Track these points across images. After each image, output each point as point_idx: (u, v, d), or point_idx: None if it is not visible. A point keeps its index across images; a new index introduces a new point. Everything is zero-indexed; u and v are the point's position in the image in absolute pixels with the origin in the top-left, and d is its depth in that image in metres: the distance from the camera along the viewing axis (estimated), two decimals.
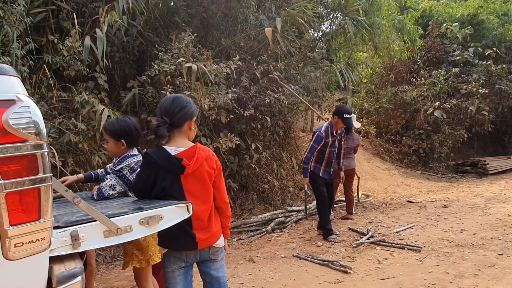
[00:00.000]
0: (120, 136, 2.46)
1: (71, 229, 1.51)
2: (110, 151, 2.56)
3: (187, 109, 1.90)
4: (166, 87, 4.84)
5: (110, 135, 2.48)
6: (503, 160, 12.23)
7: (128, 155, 2.48)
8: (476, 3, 13.30)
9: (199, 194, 1.90)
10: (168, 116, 1.86)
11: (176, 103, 1.89)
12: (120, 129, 2.47)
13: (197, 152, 1.87)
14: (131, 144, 2.51)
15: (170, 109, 1.87)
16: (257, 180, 6.41)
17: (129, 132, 2.48)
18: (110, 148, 2.52)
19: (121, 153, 2.51)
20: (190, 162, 1.84)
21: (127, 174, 2.42)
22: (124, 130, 2.47)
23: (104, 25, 4.44)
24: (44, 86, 4.36)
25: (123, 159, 2.46)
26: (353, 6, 7.35)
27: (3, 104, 1.26)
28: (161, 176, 1.87)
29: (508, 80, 12.02)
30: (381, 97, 12.03)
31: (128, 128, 2.49)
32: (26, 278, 1.31)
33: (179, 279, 1.96)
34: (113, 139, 2.47)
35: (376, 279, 3.43)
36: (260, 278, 3.54)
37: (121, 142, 2.47)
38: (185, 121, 1.91)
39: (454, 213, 5.94)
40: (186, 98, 1.95)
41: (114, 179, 2.40)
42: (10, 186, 1.24)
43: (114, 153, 2.55)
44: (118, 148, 2.49)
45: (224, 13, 6.25)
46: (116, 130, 2.47)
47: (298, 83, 6.50)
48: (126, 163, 2.44)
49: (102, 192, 2.38)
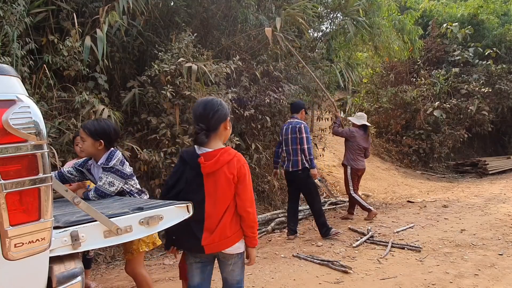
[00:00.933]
0: (99, 135, 2.47)
1: (71, 229, 1.51)
2: (85, 150, 2.55)
3: (220, 112, 1.95)
4: (166, 87, 4.84)
5: (88, 134, 2.47)
6: (503, 160, 12.23)
7: (113, 151, 2.49)
8: (476, 3, 13.31)
9: (214, 195, 1.92)
10: (204, 122, 1.91)
11: (208, 108, 1.93)
12: (100, 128, 2.48)
13: (219, 154, 1.91)
14: (108, 144, 2.52)
15: (204, 114, 1.91)
16: (257, 180, 6.41)
17: (108, 132, 2.50)
18: (86, 147, 2.51)
19: (97, 154, 2.51)
20: (206, 162, 1.89)
21: (119, 168, 2.44)
22: (104, 130, 2.48)
23: (104, 25, 4.44)
24: (44, 86, 4.36)
25: (111, 155, 2.47)
26: (353, 6, 7.36)
27: (3, 104, 1.26)
28: (187, 171, 1.97)
29: (508, 80, 12.02)
30: (381, 97, 12.03)
31: (108, 128, 2.50)
32: (26, 278, 1.31)
33: (196, 272, 2.04)
34: (91, 138, 2.47)
35: (376, 279, 3.43)
36: (260, 278, 3.53)
37: (99, 142, 2.47)
38: (220, 123, 1.96)
39: (454, 213, 5.94)
40: (217, 100, 1.99)
41: (110, 176, 2.41)
42: (10, 186, 1.24)
43: (88, 153, 2.54)
44: (95, 148, 2.49)
45: (224, 13, 6.25)
46: (96, 130, 2.47)
47: (298, 83, 6.50)
48: (116, 158, 2.45)
49: (103, 191, 2.39)
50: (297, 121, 4.86)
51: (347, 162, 5.78)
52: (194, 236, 1.92)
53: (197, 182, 1.93)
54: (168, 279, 3.63)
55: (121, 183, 2.45)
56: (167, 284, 3.50)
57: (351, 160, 5.71)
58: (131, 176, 2.54)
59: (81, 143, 2.56)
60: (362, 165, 5.79)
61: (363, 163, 5.82)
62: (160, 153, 4.85)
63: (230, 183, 1.91)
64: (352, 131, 5.75)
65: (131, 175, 2.55)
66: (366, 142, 5.82)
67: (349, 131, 5.78)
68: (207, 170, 1.90)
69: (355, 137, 5.69)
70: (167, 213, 1.84)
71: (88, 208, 1.56)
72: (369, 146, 5.92)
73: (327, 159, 9.51)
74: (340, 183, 8.72)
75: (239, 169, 1.93)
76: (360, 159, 5.76)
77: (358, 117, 5.94)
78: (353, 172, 5.71)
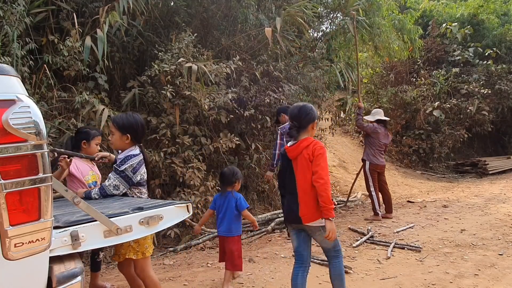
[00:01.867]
0: (126, 129, 2.52)
1: (71, 229, 1.51)
2: (113, 144, 2.62)
3: (310, 115, 2.48)
4: (166, 87, 4.84)
5: (117, 128, 2.53)
6: (503, 160, 12.22)
7: (131, 155, 2.49)
8: (476, 3, 13.29)
9: (301, 175, 2.44)
10: (297, 120, 2.47)
11: (302, 111, 2.48)
12: (128, 123, 2.54)
13: (299, 142, 2.45)
14: (135, 139, 2.57)
15: (298, 115, 2.47)
16: (257, 180, 6.41)
17: (135, 127, 2.55)
18: (115, 140, 2.57)
19: (123, 147, 2.56)
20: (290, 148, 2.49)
21: (129, 174, 2.45)
22: (131, 125, 2.54)
23: (104, 25, 4.44)
24: (44, 86, 4.36)
25: (127, 159, 2.47)
26: (353, 6, 7.35)
27: (3, 104, 1.26)
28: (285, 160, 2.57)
29: (508, 80, 12.00)
30: (381, 97, 12.02)
31: (135, 123, 2.56)
32: (26, 278, 1.31)
33: (294, 237, 2.62)
34: (119, 132, 2.52)
35: (376, 279, 3.43)
36: (260, 278, 3.54)
37: (126, 136, 2.52)
38: (309, 123, 2.49)
39: (454, 213, 5.94)
40: (310, 106, 2.52)
41: (117, 179, 2.43)
42: (10, 186, 1.24)
43: (117, 146, 2.61)
44: (123, 142, 2.54)
45: (224, 13, 6.25)
46: (124, 123, 2.53)
47: (298, 83, 6.50)
48: (130, 163, 2.45)
49: (106, 192, 2.41)
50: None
51: (366, 157, 5.84)
52: (291, 209, 2.48)
53: (290, 166, 2.51)
54: (168, 279, 3.63)
55: (126, 188, 2.46)
56: (167, 284, 3.50)
57: (371, 156, 5.76)
58: (138, 184, 2.53)
59: (111, 136, 2.62)
60: (381, 161, 5.84)
61: (382, 160, 5.88)
62: (160, 153, 4.85)
63: (308, 163, 2.40)
64: (376, 127, 5.81)
65: (139, 184, 2.54)
66: (387, 138, 5.88)
67: (373, 127, 5.83)
68: (291, 155, 2.48)
69: (378, 133, 5.75)
70: (167, 213, 1.85)
71: (88, 208, 1.56)
72: (388, 142, 5.98)
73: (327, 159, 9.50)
74: (340, 183, 8.73)
75: (313, 150, 2.40)
76: (380, 156, 5.81)
77: (373, 114, 5.99)
78: (372, 168, 5.75)
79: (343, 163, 10.01)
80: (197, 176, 4.94)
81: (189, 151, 5.06)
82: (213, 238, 5.20)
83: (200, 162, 5.11)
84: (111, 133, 2.59)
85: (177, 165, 4.89)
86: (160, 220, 1.80)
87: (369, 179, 5.76)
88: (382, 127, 5.82)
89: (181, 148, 5.06)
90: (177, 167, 4.87)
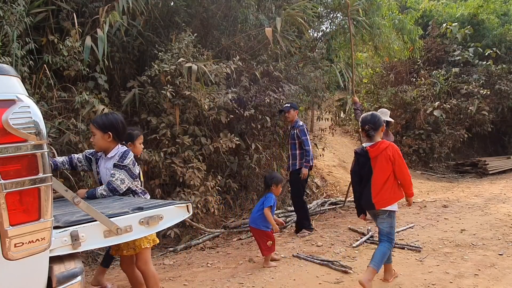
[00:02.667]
0: (107, 128, 2.56)
1: (71, 229, 1.51)
2: (96, 144, 2.63)
3: (380, 121, 3.18)
4: (166, 87, 4.84)
5: (97, 127, 2.57)
6: (503, 160, 12.22)
7: (127, 151, 2.58)
8: (476, 3, 13.29)
9: (379, 170, 3.09)
10: (372, 124, 3.14)
11: (374, 117, 3.19)
12: (108, 121, 2.58)
13: (379, 144, 3.11)
14: (117, 137, 2.61)
15: (372, 120, 3.16)
16: (257, 180, 6.41)
17: (116, 125, 2.59)
18: (97, 140, 2.60)
19: (107, 146, 2.60)
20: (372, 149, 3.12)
21: (131, 168, 2.54)
22: (111, 123, 2.58)
23: (105, 25, 4.44)
24: (44, 86, 4.36)
25: (125, 154, 2.55)
26: (353, 6, 7.35)
27: (3, 104, 1.26)
28: (360, 159, 3.23)
29: (508, 80, 12.00)
30: (381, 97, 12.02)
31: (115, 121, 2.60)
32: (26, 278, 1.31)
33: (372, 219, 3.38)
34: (100, 131, 2.56)
35: (376, 279, 3.42)
36: (260, 278, 3.53)
37: (108, 134, 2.56)
38: (379, 127, 3.17)
39: (454, 213, 5.94)
40: (377, 113, 3.25)
41: (123, 173, 2.49)
42: (10, 186, 1.24)
43: (100, 146, 2.63)
44: (105, 141, 2.58)
45: (224, 13, 6.25)
46: (104, 122, 2.57)
47: (298, 83, 6.50)
48: (130, 158, 2.55)
49: (114, 186, 2.45)
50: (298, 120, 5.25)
51: None
52: (368, 198, 3.12)
53: (367, 164, 3.14)
54: (168, 279, 3.63)
55: (130, 182, 2.54)
56: (167, 284, 3.50)
57: None
58: (137, 177, 2.64)
59: (92, 137, 2.65)
60: None
61: None
62: (160, 153, 4.85)
63: (388, 162, 3.06)
64: None
65: (137, 177, 2.64)
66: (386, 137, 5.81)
67: None
68: (373, 155, 3.12)
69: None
70: (167, 213, 1.85)
71: (88, 208, 1.56)
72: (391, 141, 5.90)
73: (327, 159, 9.52)
74: (340, 183, 8.73)
75: (393, 153, 3.07)
76: None
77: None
78: None
79: (343, 163, 10.01)
80: (197, 176, 4.94)
81: (189, 151, 5.06)
82: (213, 238, 5.21)
83: (200, 162, 5.11)
84: (93, 134, 2.62)
85: (177, 165, 4.89)
86: (160, 220, 1.80)
87: None
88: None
89: (181, 148, 5.06)
90: (177, 167, 4.87)
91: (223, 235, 5.32)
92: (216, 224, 5.63)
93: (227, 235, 5.37)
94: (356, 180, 3.31)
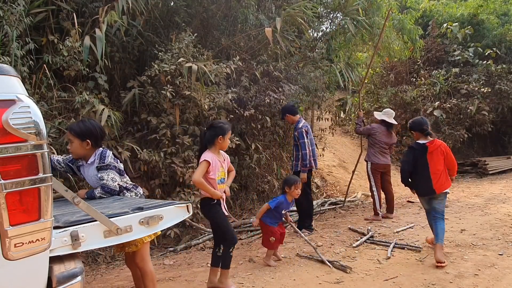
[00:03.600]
0: (85, 136, 2.50)
1: (71, 229, 1.51)
2: (74, 152, 2.56)
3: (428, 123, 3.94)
4: (166, 87, 4.84)
5: (75, 135, 2.50)
6: (503, 160, 12.21)
7: (104, 150, 2.53)
8: (476, 3, 13.29)
9: (436, 162, 3.79)
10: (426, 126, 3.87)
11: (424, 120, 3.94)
12: (86, 129, 2.51)
13: (435, 141, 3.82)
14: (96, 143, 2.55)
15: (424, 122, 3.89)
16: (257, 180, 6.41)
17: (94, 132, 2.53)
18: (75, 149, 2.53)
19: (86, 154, 2.54)
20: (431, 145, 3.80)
21: (116, 164, 2.51)
22: (90, 130, 2.52)
23: (103, 24, 4.44)
24: (44, 86, 4.36)
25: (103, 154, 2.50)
26: (353, 6, 7.35)
27: (3, 104, 1.26)
28: (417, 154, 3.85)
29: (508, 80, 11.99)
30: (381, 97, 12.02)
31: (94, 128, 2.54)
32: (26, 278, 1.31)
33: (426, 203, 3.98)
34: (78, 139, 2.50)
35: (376, 279, 3.42)
36: (260, 278, 3.53)
37: (87, 142, 2.50)
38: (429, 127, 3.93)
39: (454, 213, 5.94)
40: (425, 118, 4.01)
41: (111, 172, 2.46)
42: (10, 186, 1.24)
43: (78, 154, 2.56)
44: (83, 149, 2.52)
45: (224, 13, 6.25)
46: (82, 130, 2.50)
47: (298, 83, 6.50)
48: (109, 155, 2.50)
49: (108, 187, 2.42)
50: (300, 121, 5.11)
51: (367, 158, 5.81)
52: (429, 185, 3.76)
53: (423, 158, 3.81)
54: (168, 279, 3.63)
55: (119, 179, 2.50)
56: (167, 284, 3.50)
57: (372, 156, 5.72)
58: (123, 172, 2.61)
59: (70, 145, 2.58)
60: (384, 161, 5.73)
61: (385, 159, 5.76)
62: (160, 153, 4.85)
63: (443, 156, 3.81)
64: (372, 127, 5.79)
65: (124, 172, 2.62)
66: (389, 138, 5.78)
67: (369, 127, 5.84)
68: (431, 150, 3.79)
69: (375, 133, 5.70)
70: (167, 213, 1.85)
71: (88, 208, 1.56)
72: (393, 142, 5.86)
73: (327, 159, 9.51)
74: (340, 183, 8.73)
75: (445, 149, 3.84)
76: (381, 155, 5.71)
77: (384, 112, 5.91)
78: (374, 168, 5.72)
79: (343, 163, 10.00)
80: None
81: (189, 151, 5.06)
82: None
83: None
84: (70, 141, 2.55)
85: (177, 165, 4.89)
86: (160, 220, 1.80)
87: (371, 179, 5.74)
88: (382, 126, 5.76)
89: (181, 148, 5.06)
90: (177, 167, 4.87)
91: None
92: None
93: None
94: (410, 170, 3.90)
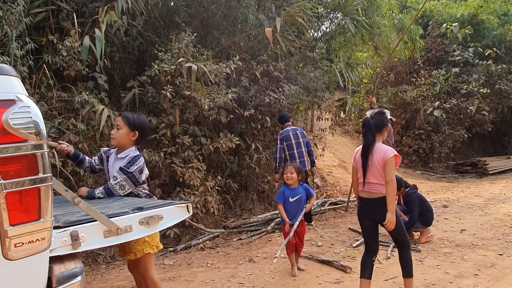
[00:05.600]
0: (137, 127, 2.50)
1: (71, 229, 1.51)
2: (116, 139, 2.51)
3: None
4: (166, 87, 4.83)
5: (126, 123, 2.48)
6: (503, 160, 12.22)
7: (137, 156, 2.48)
8: (476, 3, 13.30)
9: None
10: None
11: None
12: (139, 121, 2.54)
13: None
14: (141, 138, 2.56)
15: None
16: (257, 180, 6.41)
17: (145, 128, 2.57)
18: (120, 135, 2.49)
19: (126, 145, 2.51)
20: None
21: (137, 175, 2.44)
22: (142, 123, 2.55)
23: (103, 24, 4.44)
24: (44, 86, 4.36)
25: (135, 160, 2.45)
26: (353, 6, 7.35)
27: (3, 104, 1.26)
28: None
29: (508, 80, 12.01)
30: (381, 97, 12.03)
31: (146, 123, 2.59)
32: (26, 278, 1.31)
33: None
34: (128, 128, 2.48)
35: (376, 279, 3.42)
36: (260, 278, 3.53)
37: (134, 133, 2.50)
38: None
39: (454, 213, 5.94)
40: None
41: (125, 180, 2.40)
42: (10, 186, 1.24)
43: (119, 142, 2.52)
44: (128, 138, 2.50)
45: (224, 13, 6.25)
46: (135, 121, 2.51)
47: (298, 83, 6.50)
48: (138, 165, 2.45)
49: (111, 191, 2.39)
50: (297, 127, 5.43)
51: None
52: None
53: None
54: (168, 279, 3.63)
55: (132, 188, 2.46)
56: (167, 284, 3.50)
57: None
58: (143, 183, 2.55)
59: (115, 131, 2.53)
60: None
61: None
62: (160, 153, 4.85)
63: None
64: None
65: (144, 182, 2.56)
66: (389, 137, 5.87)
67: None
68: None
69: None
70: (167, 213, 1.84)
71: (88, 208, 1.56)
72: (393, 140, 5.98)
73: (327, 159, 9.51)
74: (340, 183, 8.72)
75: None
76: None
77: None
78: None
79: (343, 163, 10.00)
80: (197, 176, 4.94)
81: (189, 151, 5.06)
82: (213, 238, 5.20)
83: (200, 162, 5.11)
84: (117, 127, 2.50)
85: (177, 165, 4.89)
86: (160, 220, 1.80)
87: None
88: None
89: (181, 148, 5.06)
90: (177, 167, 4.87)
91: (223, 235, 5.32)
92: (216, 224, 5.62)
93: (227, 235, 5.37)
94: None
